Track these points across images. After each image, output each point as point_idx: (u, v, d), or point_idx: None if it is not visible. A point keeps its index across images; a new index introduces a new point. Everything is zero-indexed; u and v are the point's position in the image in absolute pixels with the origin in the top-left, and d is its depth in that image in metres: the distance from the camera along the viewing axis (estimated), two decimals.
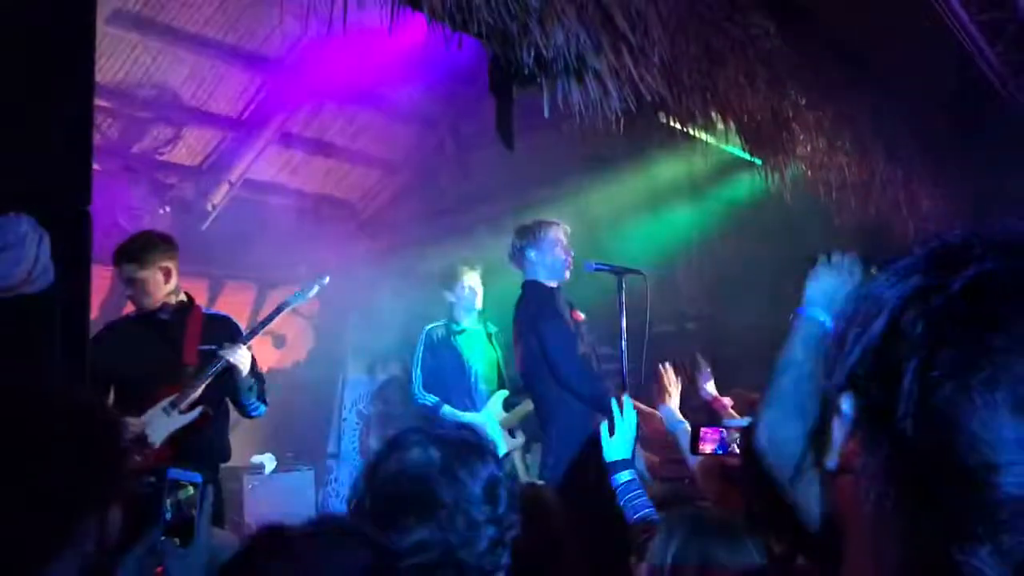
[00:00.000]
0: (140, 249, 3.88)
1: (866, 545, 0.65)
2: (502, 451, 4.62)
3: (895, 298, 0.63)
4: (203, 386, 3.80)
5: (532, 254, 4.43)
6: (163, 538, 1.77)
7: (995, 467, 0.57)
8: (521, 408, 5.01)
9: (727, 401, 3.91)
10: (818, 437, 0.67)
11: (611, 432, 2.89)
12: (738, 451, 3.13)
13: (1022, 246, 0.63)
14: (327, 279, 4.50)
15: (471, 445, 1.62)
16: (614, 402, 2.99)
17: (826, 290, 1.74)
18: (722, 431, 3.62)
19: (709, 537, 1.96)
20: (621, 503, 2.74)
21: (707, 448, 3.66)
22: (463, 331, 5.31)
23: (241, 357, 3.88)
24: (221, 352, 3.86)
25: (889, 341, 0.62)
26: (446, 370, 5.24)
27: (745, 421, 3.40)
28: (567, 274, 4.48)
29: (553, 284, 4.46)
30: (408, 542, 1.51)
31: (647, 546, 2.00)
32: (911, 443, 0.60)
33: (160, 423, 3.73)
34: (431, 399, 5.17)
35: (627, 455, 2.86)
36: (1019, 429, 0.57)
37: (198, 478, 3.14)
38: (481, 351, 5.32)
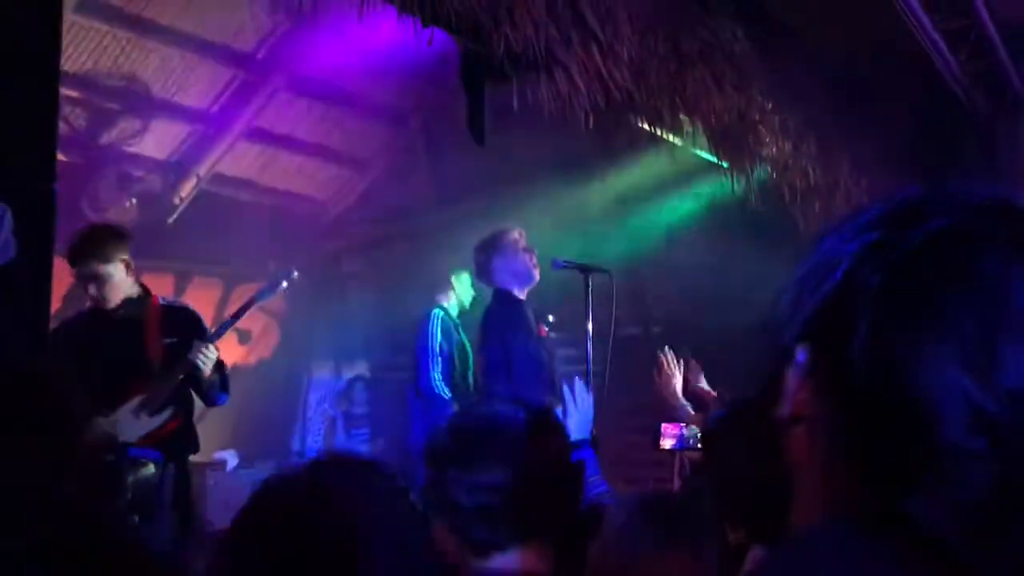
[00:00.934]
0: (102, 243, 3.78)
1: (815, 493, 0.67)
2: None
3: (851, 252, 0.65)
4: (171, 388, 3.74)
5: (496, 263, 4.42)
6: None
7: (939, 417, 0.59)
8: None
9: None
10: (770, 387, 0.69)
11: (564, 415, 2.90)
12: (699, 447, 3.16)
13: (980, 205, 0.65)
14: (295, 273, 4.44)
15: (552, 415, 1.74)
16: (566, 387, 3.00)
17: None
18: (682, 427, 3.67)
19: (661, 520, 1.98)
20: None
21: (667, 444, 3.70)
22: (458, 325, 5.22)
23: (210, 357, 3.81)
24: (190, 356, 3.77)
25: (845, 293, 0.64)
26: (454, 360, 4.96)
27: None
28: (536, 274, 4.48)
29: (522, 295, 4.46)
30: (481, 481, 1.57)
31: (601, 528, 2.02)
32: (862, 392, 0.62)
33: (131, 426, 3.62)
34: (446, 392, 4.81)
35: (585, 435, 2.88)
36: (963, 381, 0.59)
37: (158, 456, 3.13)
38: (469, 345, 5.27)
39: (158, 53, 5.72)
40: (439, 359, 4.88)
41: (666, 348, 3.92)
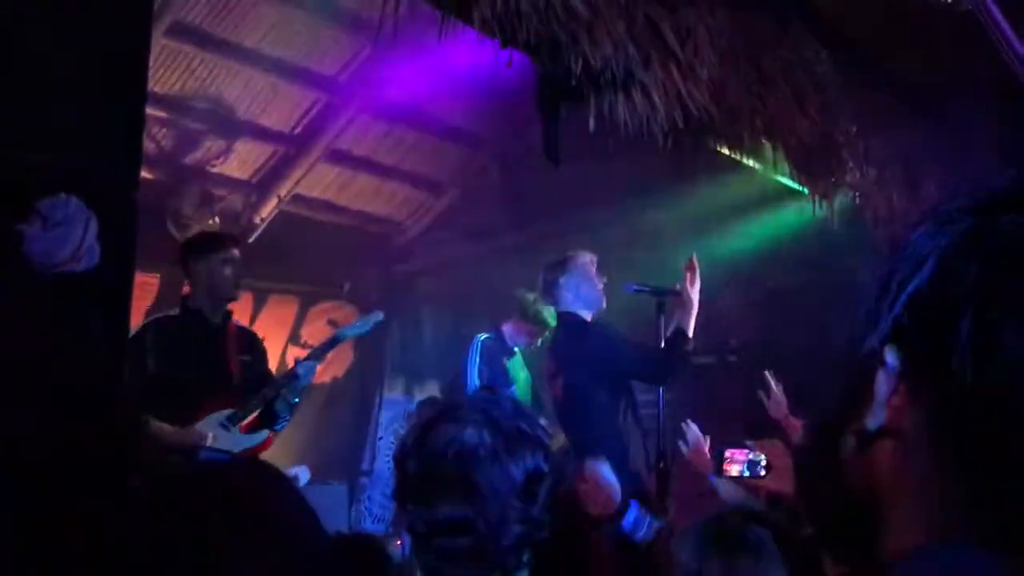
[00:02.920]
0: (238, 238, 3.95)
1: (913, 516, 0.59)
2: None
3: (942, 244, 0.60)
4: (263, 404, 3.81)
5: (563, 283, 4.37)
6: None
7: None
8: (553, 442, 4.90)
9: (796, 423, 3.84)
10: (854, 400, 0.61)
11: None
12: (763, 474, 3.05)
13: None
14: (382, 316, 4.52)
15: (524, 435, 1.59)
16: None
17: None
18: (749, 453, 3.54)
19: (734, 547, 1.93)
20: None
21: (733, 470, 3.58)
22: (513, 353, 5.29)
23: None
24: (300, 371, 3.89)
25: (939, 287, 0.59)
26: (497, 385, 5.16)
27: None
28: (603, 302, 4.42)
29: (587, 316, 4.40)
30: (440, 516, 1.49)
31: (674, 546, 1.97)
32: (971, 391, 0.55)
33: (223, 439, 3.68)
34: None
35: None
36: None
37: (228, 458, 3.18)
38: (522, 375, 5.31)
39: (243, 75, 5.87)
40: (477, 383, 5.10)
41: (767, 372, 3.93)
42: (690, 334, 4.14)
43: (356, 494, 6.99)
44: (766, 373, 3.99)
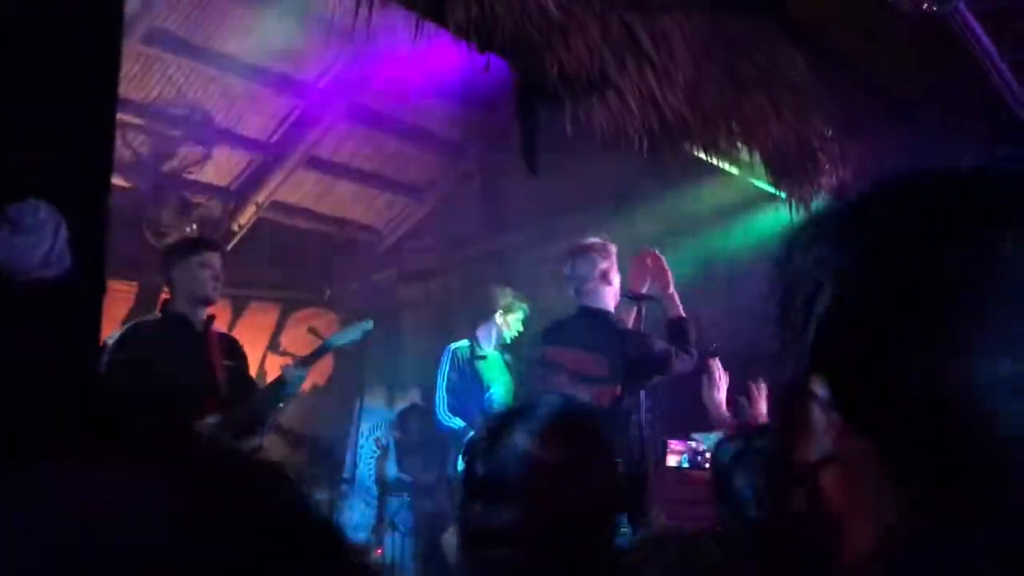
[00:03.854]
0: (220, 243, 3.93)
1: (865, 531, 0.59)
2: None
3: (834, 267, 0.59)
4: (253, 411, 3.80)
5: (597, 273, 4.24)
6: None
7: (995, 414, 0.52)
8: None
9: None
10: (787, 431, 0.60)
11: None
12: (706, 465, 3.05)
13: (958, 179, 0.59)
14: (372, 324, 4.51)
15: (598, 446, 1.57)
16: None
17: None
18: (689, 444, 3.55)
19: (673, 558, 1.93)
20: None
21: (672, 461, 3.58)
22: (484, 356, 5.30)
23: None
24: (292, 380, 3.89)
25: (843, 312, 0.58)
26: (468, 392, 5.19)
27: (715, 436, 3.35)
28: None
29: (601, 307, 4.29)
30: (496, 525, 1.46)
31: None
32: (902, 413, 0.55)
33: None
34: (456, 423, 5.08)
35: None
36: (1013, 367, 0.52)
37: None
38: (499, 376, 5.30)
39: (221, 82, 5.84)
40: (445, 395, 5.17)
41: (716, 356, 3.85)
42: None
43: (337, 503, 6.96)
44: (752, 384, 3.98)
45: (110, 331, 3.70)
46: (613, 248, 4.22)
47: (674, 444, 3.05)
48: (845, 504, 0.60)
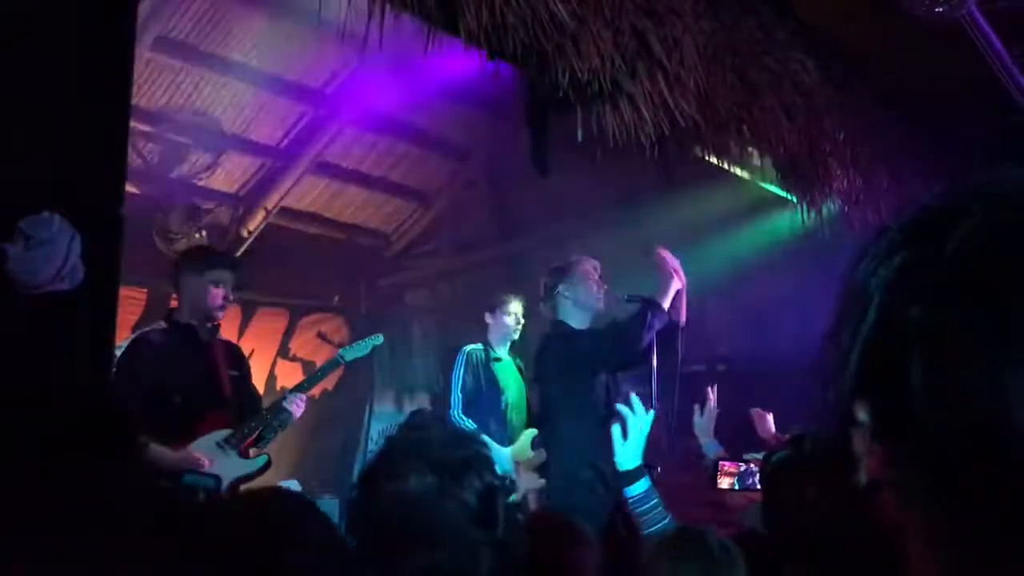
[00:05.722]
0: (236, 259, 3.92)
1: (928, 555, 0.56)
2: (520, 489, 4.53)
3: (879, 286, 0.56)
4: (260, 429, 3.78)
5: (564, 290, 4.36)
6: None
7: None
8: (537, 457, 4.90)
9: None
10: (839, 454, 0.58)
11: (624, 435, 2.82)
12: (757, 487, 3.04)
13: (1014, 193, 0.55)
14: (381, 338, 4.51)
15: (464, 459, 1.57)
16: (623, 407, 2.93)
17: None
18: (741, 466, 3.54)
19: (695, 559, 1.93)
20: (636, 514, 2.68)
21: (725, 483, 3.57)
22: (499, 359, 5.28)
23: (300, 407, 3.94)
24: (289, 408, 3.87)
25: (885, 336, 0.55)
26: (482, 396, 5.16)
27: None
28: (601, 306, 4.41)
29: (582, 324, 4.38)
30: (410, 570, 1.47)
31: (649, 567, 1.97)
32: (936, 444, 0.52)
33: (228, 465, 3.60)
34: (469, 424, 5.07)
35: (639, 462, 2.79)
36: None
37: (212, 482, 3.13)
38: (513, 380, 5.28)
39: (230, 89, 5.85)
40: (460, 396, 5.05)
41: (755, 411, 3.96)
42: (665, 305, 4.14)
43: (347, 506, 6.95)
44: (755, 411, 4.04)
45: (120, 337, 3.70)
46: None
47: (727, 466, 3.01)
48: (901, 532, 0.57)
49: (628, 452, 2.79)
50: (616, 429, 2.86)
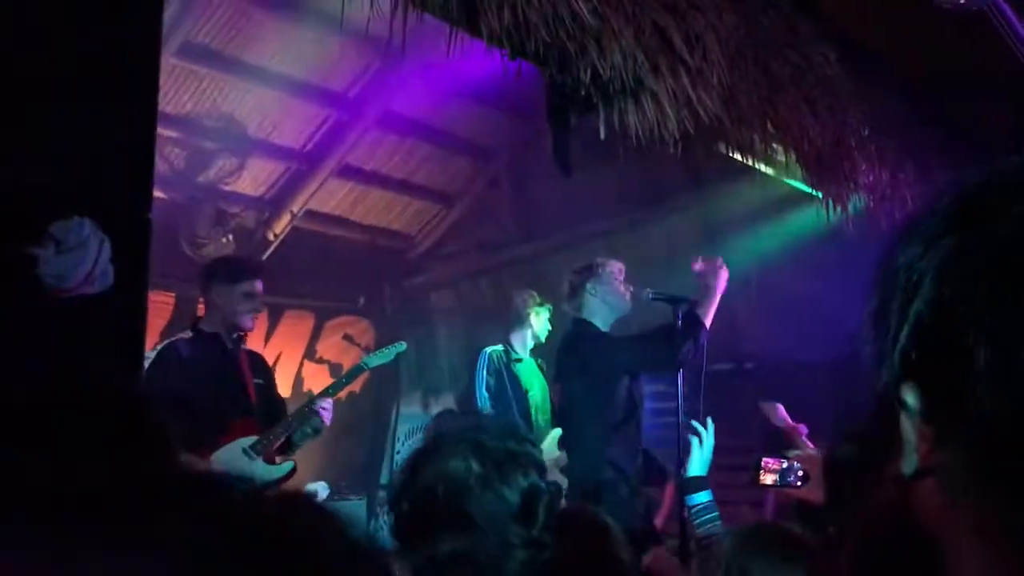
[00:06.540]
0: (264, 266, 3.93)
1: (971, 552, 0.54)
2: None
3: (930, 268, 0.54)
4: (285, 435, 3.80)
5: (591, 289, 4.35)
6: None
7: None
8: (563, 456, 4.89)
9: (803, 428, 3.80)
10: (879, 442, 0.56)
11: (700, 442, 2.88)
12: (799, 484, 3.01)
13: None
14: (404, 346, 4.54)
15: (514, 455, 1.57)
16: (694, 423, 3.00)
17: None
18: (783, 462, 3.50)
19: (754, 553, 1.91)
20: (695, 523, 2.71)
21: (768, 479, 3.53)
22: (520, 359, 5.28)
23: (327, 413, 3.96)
24: (321, 413, 3.89)
25: (943, 314, 0.53)
26: (507, 397, 5.15)
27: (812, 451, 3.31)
28: (628, 309, 4.41)
29: (607, 325, 4.38)
30: (440, 553, 1.47)
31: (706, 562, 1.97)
32: (998, 422, 0.51)
33: (247, 468, 3.60)
34: None
35: (704, 473, 2.84)
36: None
37: (244, 486, 3.15)
38: (536, 380, 5.28)
39: (254, 93, 5.89)
40: (486, 395, 5.05)
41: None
42: (706, 321, 4.11)
43: (375, 508, 6.98)
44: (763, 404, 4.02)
45: (150, 344, 3.73)
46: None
47: (770, 463, 2.98)
48: (945, 524, 0.56)
49: (700, 460, 2.85)
50: (694, 438, 2.93)
